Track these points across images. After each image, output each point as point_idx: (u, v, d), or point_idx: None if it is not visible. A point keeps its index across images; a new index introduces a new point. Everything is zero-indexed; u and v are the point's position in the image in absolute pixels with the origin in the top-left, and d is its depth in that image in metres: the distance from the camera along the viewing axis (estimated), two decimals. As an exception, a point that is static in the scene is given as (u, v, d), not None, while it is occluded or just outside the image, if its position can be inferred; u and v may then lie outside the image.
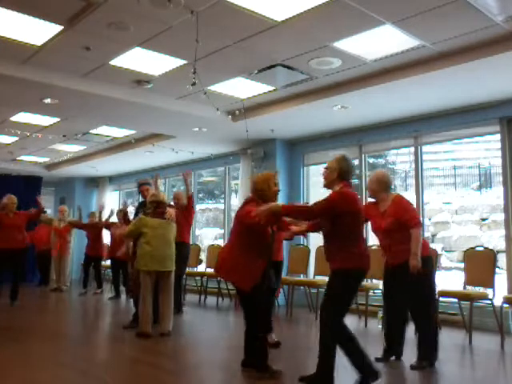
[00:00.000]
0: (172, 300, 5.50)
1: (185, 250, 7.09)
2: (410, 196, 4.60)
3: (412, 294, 4.23)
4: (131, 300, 6.45)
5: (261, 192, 3.83)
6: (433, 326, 4.27)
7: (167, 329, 5.32)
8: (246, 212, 3.70)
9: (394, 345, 4.37)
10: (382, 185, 4.35)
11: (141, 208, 6.13)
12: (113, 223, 9.17)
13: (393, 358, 4.37)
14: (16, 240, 7.38)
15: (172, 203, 7.33)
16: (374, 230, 4.48)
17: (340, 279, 3.49)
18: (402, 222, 4.15)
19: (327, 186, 3.64)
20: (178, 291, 7.09)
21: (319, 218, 3.63)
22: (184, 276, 7.46)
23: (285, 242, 5.45)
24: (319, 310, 3.66)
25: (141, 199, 6.63)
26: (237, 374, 3.89)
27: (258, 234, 3.79)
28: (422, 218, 7.00)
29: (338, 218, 3.44)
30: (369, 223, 4.56)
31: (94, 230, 9.47)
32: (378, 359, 4.32)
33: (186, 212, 7.27)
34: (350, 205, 3.45)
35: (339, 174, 3.55)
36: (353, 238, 3.50)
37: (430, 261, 4.29)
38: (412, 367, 4.13)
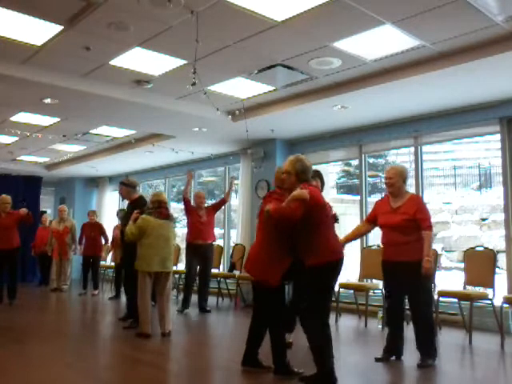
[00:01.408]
0: (170, 300, 5.53)
1: (213, 250, 7.24)
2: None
3: (413, 293, 4.23)
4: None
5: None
6: (433, 324, 4.27)
7: (168, 329, 5.32)
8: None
9: (394, 344, 4.37)
10: (403, 178, 4.36)
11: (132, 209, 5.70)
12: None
13: (393, 357, 4.37)
14: (6, 240, 7.48)
15: (193, 204, 7.38)
16: (381, 226, 4.45)
17: (310, 277, 3.53)
18: (417, 221, 4.16)
19: (289, 190, 3.65)
20: (207, 292, 7.29)
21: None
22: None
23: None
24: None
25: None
26: (237, 374, 3.89)
27: (283, 229, 3.73)
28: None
29: (311, 213, 3.49)
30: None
31: (92, 229, 9.49)
32: (378, 359, 4.33)
33: (213, 211, 7.37)
34: (312, 200, 3.46)
35: (297, 177, 3.61)
36: (320, 232, 3.52)
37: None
38: (419, 366, 4.12)
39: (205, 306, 7.19)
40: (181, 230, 11.99)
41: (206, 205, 7.56)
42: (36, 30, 4.67)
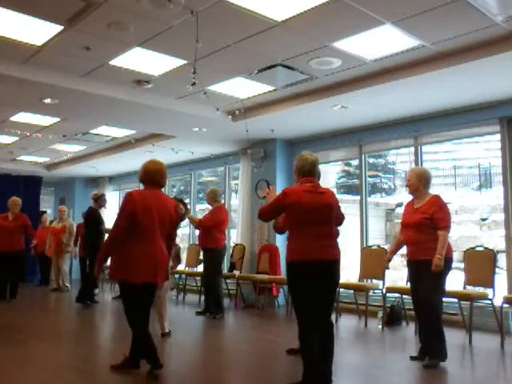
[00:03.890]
0: (168, 300, 5.55)
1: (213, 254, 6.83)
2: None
3: (427, 291, 4.18)
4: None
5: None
6: (441, 324, 4.25)
7: (167, 328, 5.32)
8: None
9: (428, 343, 4.29)
10: (421, 180, 4.40)
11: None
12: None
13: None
14: (12, 243, 7.75)
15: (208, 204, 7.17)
16: (402, 225, 4.53)
17: (287, 273, 3.53)
18: (434, 220, 4.19)
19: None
20: (213, 295, 6.87)
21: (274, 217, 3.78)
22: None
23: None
24: None
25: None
26: (236, 373, 3.89)
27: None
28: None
29: (285, 212, 3.59)
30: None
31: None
32: (412, 358, 4.30)
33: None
34: (288, 199, 3.52)
35: (297, 172, 3.69)
36: (295, 230, 3.53)
37: (451, 263, 4.30)
38: (425, 366, 4.10)
39: (213, 310, 6.70)
40: (181, 231, 11.99)
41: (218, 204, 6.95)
42: (36, 30, 4.67)
